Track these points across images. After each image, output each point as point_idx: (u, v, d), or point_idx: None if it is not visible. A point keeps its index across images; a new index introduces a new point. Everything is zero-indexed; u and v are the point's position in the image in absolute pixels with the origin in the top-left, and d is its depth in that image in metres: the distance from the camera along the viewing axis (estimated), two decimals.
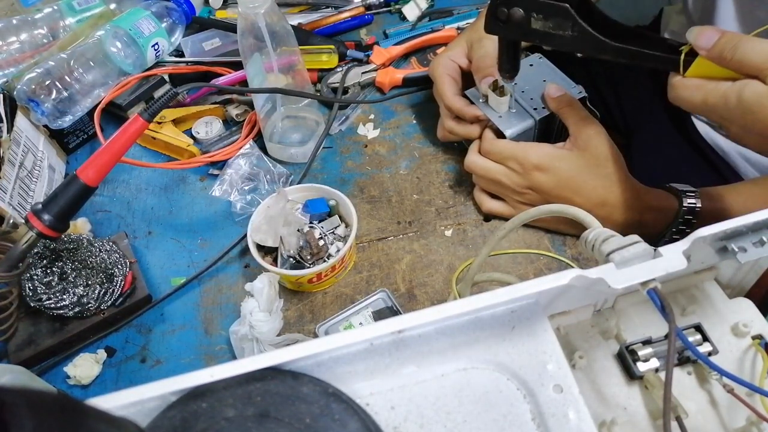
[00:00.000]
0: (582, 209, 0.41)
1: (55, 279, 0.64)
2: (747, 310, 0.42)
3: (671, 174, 0.67)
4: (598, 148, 0.61)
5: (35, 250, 0.64)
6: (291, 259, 0.65)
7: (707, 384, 0.39)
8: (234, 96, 0.86)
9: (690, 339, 0.39)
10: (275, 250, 0.66)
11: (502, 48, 0.59)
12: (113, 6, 0.90)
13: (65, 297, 0.63)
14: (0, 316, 0.62)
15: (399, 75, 0.87)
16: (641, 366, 0.38)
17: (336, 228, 0.68)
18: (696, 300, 0.42)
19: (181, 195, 0.79)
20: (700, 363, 0.39)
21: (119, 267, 0.66)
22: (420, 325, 0.35)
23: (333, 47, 0.89)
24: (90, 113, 0.82)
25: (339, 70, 0.88)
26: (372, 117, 0.85)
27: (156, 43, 0.86)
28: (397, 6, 1.00)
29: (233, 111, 0.84)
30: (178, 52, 0.93)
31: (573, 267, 0.34)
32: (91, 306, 0.64)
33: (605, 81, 0.97)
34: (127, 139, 0.60)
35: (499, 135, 0.67)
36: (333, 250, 0.66)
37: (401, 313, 0.55)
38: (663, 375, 0.35)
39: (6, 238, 0.65)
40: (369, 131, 0.83)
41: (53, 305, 0.62)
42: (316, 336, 0.63)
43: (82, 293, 0.63)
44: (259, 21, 0.68)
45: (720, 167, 0.81)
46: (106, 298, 0.64)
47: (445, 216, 0.72)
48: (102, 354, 0.64)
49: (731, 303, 0.42)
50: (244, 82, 0.86)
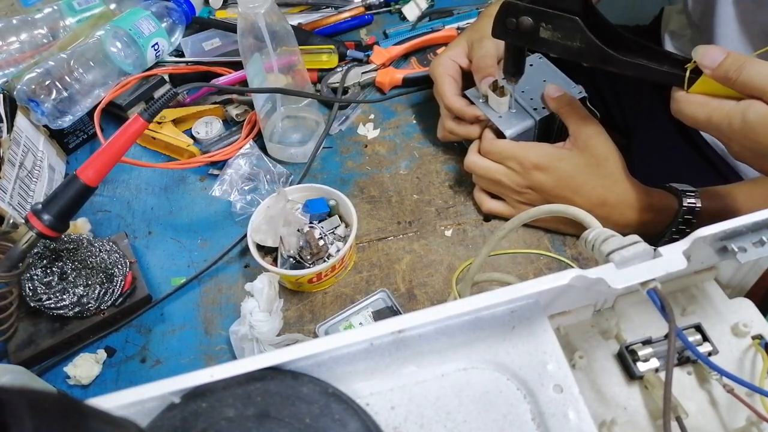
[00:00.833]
0: (582, 209, 0.41)
1: (55, 279, 0.64)
2: (747, 310, 0.42)
3: (671, 174, 0.67)
4: (597, 148, 0.61)
5: (35, 250, 0.64)
6: (291, 259, 0.65)
7: (707, 384, 0.39)
8: (234, 96, 0.86)
9: (690, 339, 0.39)
10: (275, 250, 0.66)
11: (508, 52, 0.60)
12: (113, 6, 0.90)
13: (65, 297, 0.63)
14: (0, 316, 0.62)
15: (399, 75, 0.87)
16: (641, 366, 0.38)
17: (336, 228, 0.68)
18: (696, 300, 0.42)
19: (181, 195, 0.79)
20: (700, 363, 0.39)
21: (119, 267, 0.66)
22: (420, 325, 0.35)
23: (333, 47, 0.89)
24: (90, 113, 0.82)
25: (339, 70, 0.88)
26: (372, 117, 0.85)
27: (156, 43, 0.86)
28: (397, 6, 1.00)
29: (233, 111, 0.84)
30: (178, 52, 0.93)
31: (573, 267, 0.34)
32: (91, 306, 0.64)
33: (605, 81, 0.97)
34: (127, 139, 0.60)
35: (499, 135, 0.67)
36: (333, 250, 0.66)
37: (401, 313, 0.55)
38: (663, 375, 0.35)
39: (6, 238, 0.65)
40: (369, 131, 0.83)
41: (53, 305, 0.62)
42: (316, 336, 0.63)
43: (82, 293, 0.63)
44: (259, 21, 0.68)
45: (720, 167, 0.81)
46: (106, 298, 0.64)
47: (445, 216, 0.72)
48: (102, 354, 0.64)
49: (731, 303, 0.42)
50: (244, 82, 0.86)
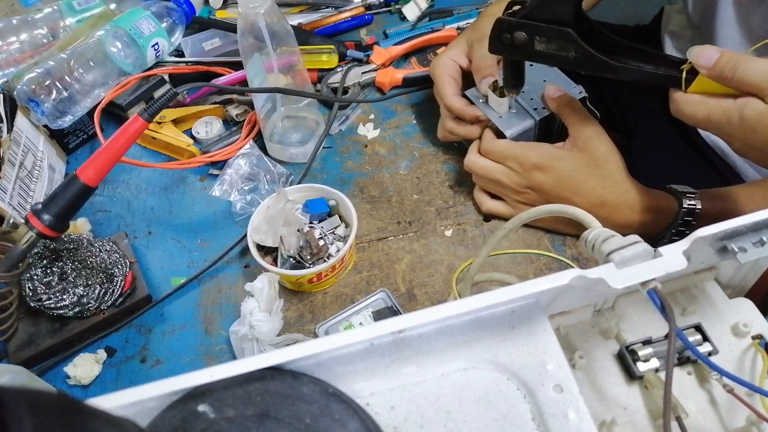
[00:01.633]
0: (581, 209, 0.41)
1: (55, 279, 0.64)
2: (747, 310, 0.42)
3: (671, 174, 0.67)
4: (597, 148, 0.61)
5: (35, 250, 0.64)
6: (291, 259, 0.65)
7: (707, 384, 0.39)
8: (234, 96, 0.86)
9: (690, 339, 0.39)
10: (275, 250, 0.66)
11: (507, 66, 0.61)
12: (113, 6, 0.90)
13: (65, 297, 0.63)
14: (0, 316, 0.62)
15: (399, 75, 0.87)
16: (641, 366, 0.38)
17: (336, 228, 0.68)
18: (696, 300, 0.42)
19: (181, 195, 0.79)
20: (700, 363, 0.39)
21: (119, 267, 0.66)
22: (420, 325, 0.35)
23: (333, 47, 0.89)
24: (90, 113, 0.82)
25: (339, 70, 0.88)
26: (372, 117, 0.85)
27: (156, 43, 0.86)
28: (397, 6, 1.00)
29: (233, 111, 0.84)
30: (178, 52, 0.93)
31: (573, 267, 0.34)
32: (91, 306, 0.64)
33: (605, 81, 0.97)
34: (127, 139, 0.60)
35: (499, 135, 0.67)
36: (333, 250, 0.66)
37: (401, 313, 0.55)
38: (663, 375, 0.35)
39: (6, 238, 0.65)
40: (369, 131, 0.83)
41: (53, 305, 0.62)
42: (316, 336, 0.63)
43: (82, 293, 0.63)
44: (259, 21, 0.68)
45: (720, 167, 0.81)
46: (106, 298, 0.64)
47: (445, 216, 0.72)
48: (102, 354, 0.64)
49: (731, 303, 0.42)
50: (244, 82, 0.86)
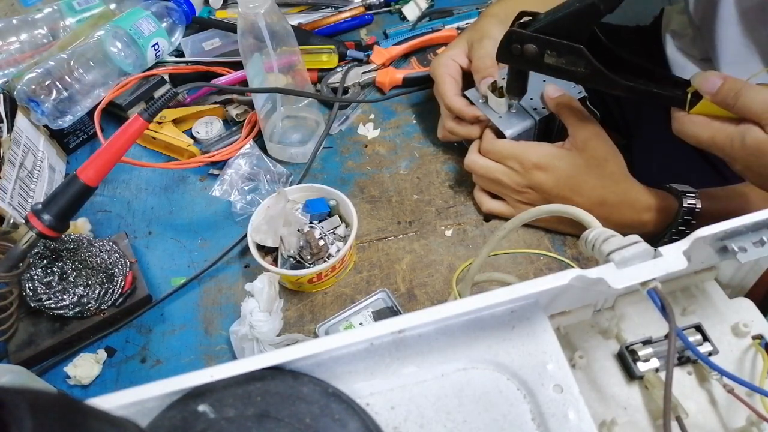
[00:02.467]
0: (581, 209, 0.41)
1: (55, 279, 0.64)
2: (747, 310, 0.42)
3: (672, 174, 0.67)
4: (596, 148, 0.61)
5: (35, 250, 0.64)
6: (291, 259, 0.65)
7: (707, 384, 0.39)
8: (234, 96, 0.86)
9: (690, 339, 0.38)
10: (275, 250, 0.66)
11: (512, 74, 0.62)
12: (113, 6, 0.90)
13: (65, 297, 0.63)
14: (0, 316, 0.62)
15: (399, 75, 0.87)
16: (641, 366, 0.38)
17: (336, 228, 0.68)
18: (696, 300, 0.42)
19: (181, 195, 0.79)
20: (700, 363, 0.39)
21: (119, 267, 0.66)
22: (420, 325, 0.35)
23: (333, 47, 0.89)
24: (90, 113, 0.82)
25: (339, 70, 0.88)
26: (372, 117, 0.85)
27: (156, 43, 0.86)
28: (397, 6, 1.00)
29: (233, 111, 0.84)
30: (178, 52, 0.93)
31: (573, 267, 0.34)
32: (91, 306, 0.64)
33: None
34: (127, 139, 0.60)
35: (500, 135, 0.67)
36: (333, 250, 0.66)
37: (401, 313, 0.55)
38: (663, 375, 0.35)
39: (6, 238, 0.65)
40: (369, 131, 0.83)
41: (53, 305, 0.62)
42: (316, 336, 0.63)
43: (82, 293, 0.63)
44: (259, 21, 0.68)
45: (720, 167, 0.81)
46: (106, 298, 0.64)
47: (445, 216, 0.72)
48: (102, 354, 0.64)
49: (731, 303, 0.42)
50: (244, 82, 0.86)
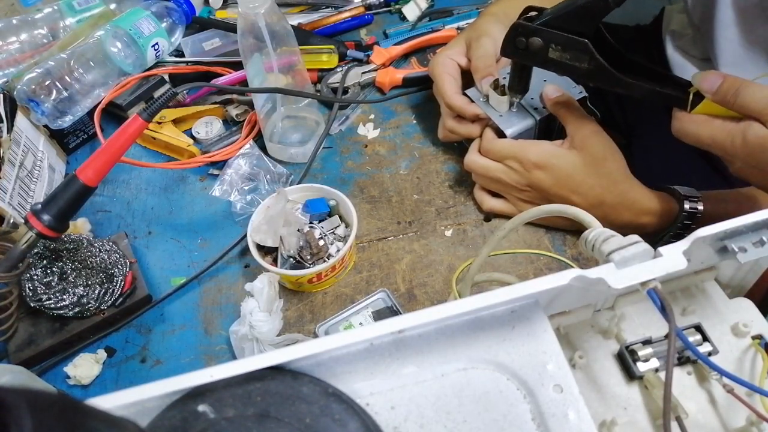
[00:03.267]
0: (580, 208, 0.41)
1: (55, 279, 0.64)
2: (747, 310, 0.42)
3: (673, 174, 0.67)
4: (595, 147, 0.61)
5: (35, 250, 0.64)
6: (291, 259, 0.65)
7: (707, 384, 0.39)
8: (234, 96, 0.86)
9: (690, 339, 0.38)
10: (275, 250, 0.66)
11: (515, 69, 0.62)
12: (113, 6, 0.90)
13: (65, 297, 0.63)
14: (0, 316, 0.62)
15: (399, 75, 0.87)
16: (641, 366, 0.38)
17: (336, 228, 0.68)
18: (696, 300, 0.42)
19: (181, 195, 0.79)
20: (700, 363, 0.39)
21: (119, 267, 0.66)
22: (420, 325, 0.35)
23: (333, 47, 0.89)
24: (90, 113, 0.82)
25: (339, 70, 0.88)
26: (372, 117, 0.85)
27: (156, 43, 0.86)
28: (397, 6, 1.00)
29: (233, 111, 0.84)
30: (178, 52, 0.93)
31: (573, 267, 0.34)
32: (91, 306, 0.64)
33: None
34: (126, 139, 0.60)
35: (500, 134, 0.67)
36: (333, 250, 0.66)
37: (401, 313, 0.55)
38: (663, 375, 0.35)
39: (6, 238, 0.65)
40: (369, 131, 0.83)
41: (53, 305, 0.62)
42: (316, 336, 0.63)
43: (82, 293, 0.63)
44: (259, 21, 0.68)
45: (721, 168, 0.81)
46: (106, 298, 0.64)
47: (445, 216, 0.72)
48: (102, 354, 0.64)
49: (731, 303, 0.42)
50: (244, 82, 0.86)
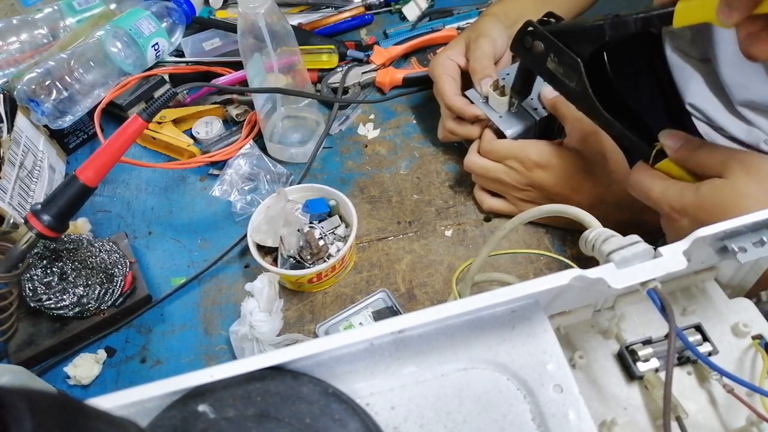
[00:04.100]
0: (580, 207, 0.41)
1: (55, 279, 0.64)
2: (747, 310, 0.42)
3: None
4: (594, 146, 0.61)
5: (35, 250, 0.64)
6: (291, 259, 0.65)
7: (707, 384, 0.38)
8: (234, 96, 0.86)
9: (690, 339, 0.38)
10: (275, 250, 0.66)
11: (519, 70, 0.62)
12: (113, 6, 0.90)
13: (65, 297, 0.63)
14: (0, 316, 0.62)
15: (399, 75, 0.87)
16: (641, 366, 0.38)
17: (336, 228, 0.68)
18: (696, 300, 0.42)
19: (181, 195, 0.79)
20: (700, 363, 0.39)
21: (119, 267, 0.66)
22: (420, 325, 0.35)
23: (333, 47, 0.89)
24: (90, 113, 0.82)
25: (339, 70, 0.88)
26: (372, 117, 0.85)
27: (156, 43, 0.86)
28: (397, 6, 1.00)
29: (233, 111, 0.84)
30: (178, 52, 0.93)
31: (573, 267, 0.34)
32: (91, 306, 0.64)
33: (613, 73, 0.96)
34: (126, 139, 0.60)
35: (500, 135, 0.67)
36: (333, 250, 0.66)
37: (401, 313, 0.55)
38: (663, 375, 0.35)
39: (6, 238, 0.65)
40: (369, 131, 0.83)
41: (53, 305, 0.62)
42: (316, 336, 0.63)
43: (82, 293, 0.63)
44: (259, 21, 0.68)
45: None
46: (106, 298, 0.64)
47: (445, 216, 0.72)
48: (102, 354, 0.64)
49: (731, 303, 0.42)
50: (244, 82, 0.86)
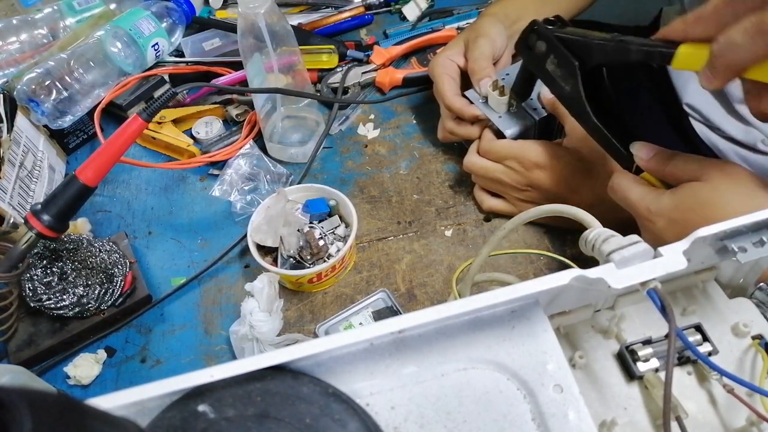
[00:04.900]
0: (580, 207, 0.41)
1: (55, 279, 0.64)
2: (747, 310, 0.42)
3: None
4: (593, 146, 0.61)
5: (35, 250, 0.64)
6: (291, 259, 0.65)
7: (707, 384, 0.38)
8: (234, 96, 0.86)
9: (690, 339, 0.38)
10: (275, 250, 0.66)
11: (521, 72, 0.63)
12: (113, 6, 0.90)
13: (65, 297, 0.63)
14: (0, 316, 0.62)
15: (399, 75, 0.87)
16: (641, 366, 0.38)
17: (336, 228, 0.68)
18: (696, 300, 0.42)
19: (181, 195, 0.79)
20: (700, 363, 0.39)
21: (119, 267, 0.66)
22: (420, 325, 0.35)
23: (333, 47, 0.89)
24: (90, 113, 0.82)
25: (339, 70, 0.88)
26: (372, 117, 0.85)
27: (156, 43, 0.86)
28: (397, 6, 1.00)
29: (233, 111, 0.84)
30: (178, 52, 0.93)
31: (573, 267, 0.34)
32: (91, 306, 0.64)
33: (609, 81, 0.97)
34: (126, 139, 0.60)
35: (499, 135, 0.67)
36: (333, 250, 0.66)
37: (401, 313, 0.55)
38: (663, 375, 0.35)
39: (6, 238, 0.65)
40: (369, 131, 0.83)
41: (53, 305, 0.62)
42: (316, 336, 0.63)
43: (82, 293, 0.63)
44: (259, 21, 0.68)
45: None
46: (106, 298, 0.64)
47: (445, 216, 0.72)
48: (102, 354, 0.64)
49: (731, 303, 0.42)
50: (244, 82, 0.86)
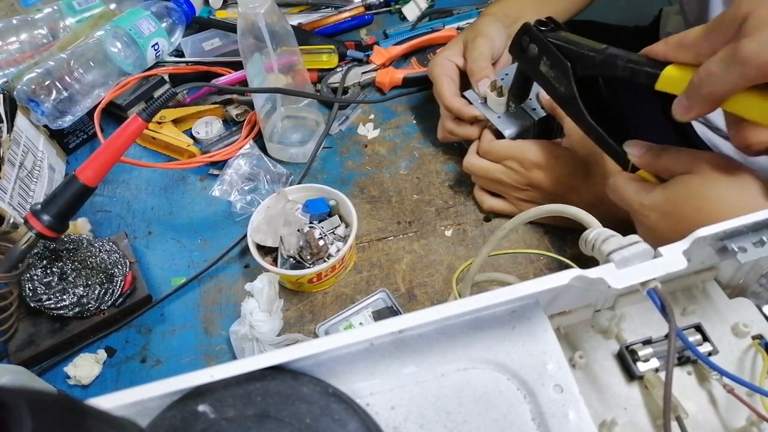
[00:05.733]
0: (580, 207, 0.41)
1: (55, 279, 0.64)
2: (747, 310, 0.42)
3: None
4: (592, 146, 0.61)
5: (35, 250, 0.64)
6: (291, 259, 0.65)
7: (707, 384, 0.38)
8: (234, 96, 0.86)
9: (690, 339, 0.38)
10: (275, 250, 0.66)
11: (517, 74, 0.63)
12: (113, 6, 0.90)
13: (65, 297, 0.63)
14: (0, 316, 0.62)
15: (399, 75, 0.87)
16: (641, 366, 0.38)
17: (336, 228, 0.68)
18: (696, 300, 0.42)
19: (181, 195, 0.79)
20: (700, 363, 0.39)
21: (119, 267, 0.66)
22: (420, 325, 0.35)
23: (333, 47, 0.89)
24: (90, 113, 0.82)
25: (339, 70, 0.88)
26: (372, 117, 0.85)
27: (156, 43, 0.86)
28: (397, 6, 1.00)
29: (233, 111, 0.84)
30: (178, 52, 0.93)
31: (573, 267, 0.34)
32: (91, 306, 0.64)
33: (603, 82, 0.97)
34: (126, 139, 0.60)
35: (499, 136, 0.67)
36: (333, 250, 0.66)
37: (401, 313, 0.55)
38: (663, 375, 0.35)
39: (6, 238, 0.65)
40: (369, 131, 0.83)
41: (53, 305, 0.62)
42: (316, 336, 0.63)
43: (82, 293, 0.63)
44: (259, 21, 0.68)
45: None
46: (106, 298, 0.64)
47: (445, 216, 0.72)
48: (102, 354, 0.64)
49: (731, 303, 0.42)
50: (244, 82, 0.86)
